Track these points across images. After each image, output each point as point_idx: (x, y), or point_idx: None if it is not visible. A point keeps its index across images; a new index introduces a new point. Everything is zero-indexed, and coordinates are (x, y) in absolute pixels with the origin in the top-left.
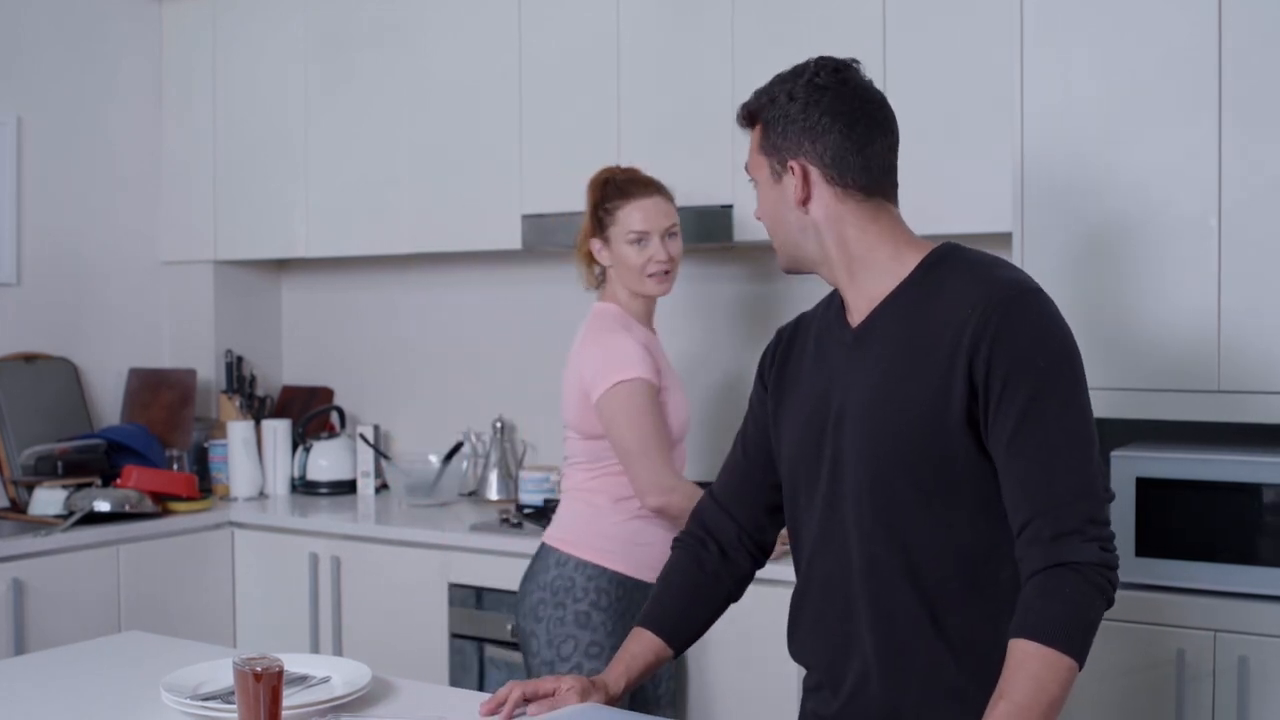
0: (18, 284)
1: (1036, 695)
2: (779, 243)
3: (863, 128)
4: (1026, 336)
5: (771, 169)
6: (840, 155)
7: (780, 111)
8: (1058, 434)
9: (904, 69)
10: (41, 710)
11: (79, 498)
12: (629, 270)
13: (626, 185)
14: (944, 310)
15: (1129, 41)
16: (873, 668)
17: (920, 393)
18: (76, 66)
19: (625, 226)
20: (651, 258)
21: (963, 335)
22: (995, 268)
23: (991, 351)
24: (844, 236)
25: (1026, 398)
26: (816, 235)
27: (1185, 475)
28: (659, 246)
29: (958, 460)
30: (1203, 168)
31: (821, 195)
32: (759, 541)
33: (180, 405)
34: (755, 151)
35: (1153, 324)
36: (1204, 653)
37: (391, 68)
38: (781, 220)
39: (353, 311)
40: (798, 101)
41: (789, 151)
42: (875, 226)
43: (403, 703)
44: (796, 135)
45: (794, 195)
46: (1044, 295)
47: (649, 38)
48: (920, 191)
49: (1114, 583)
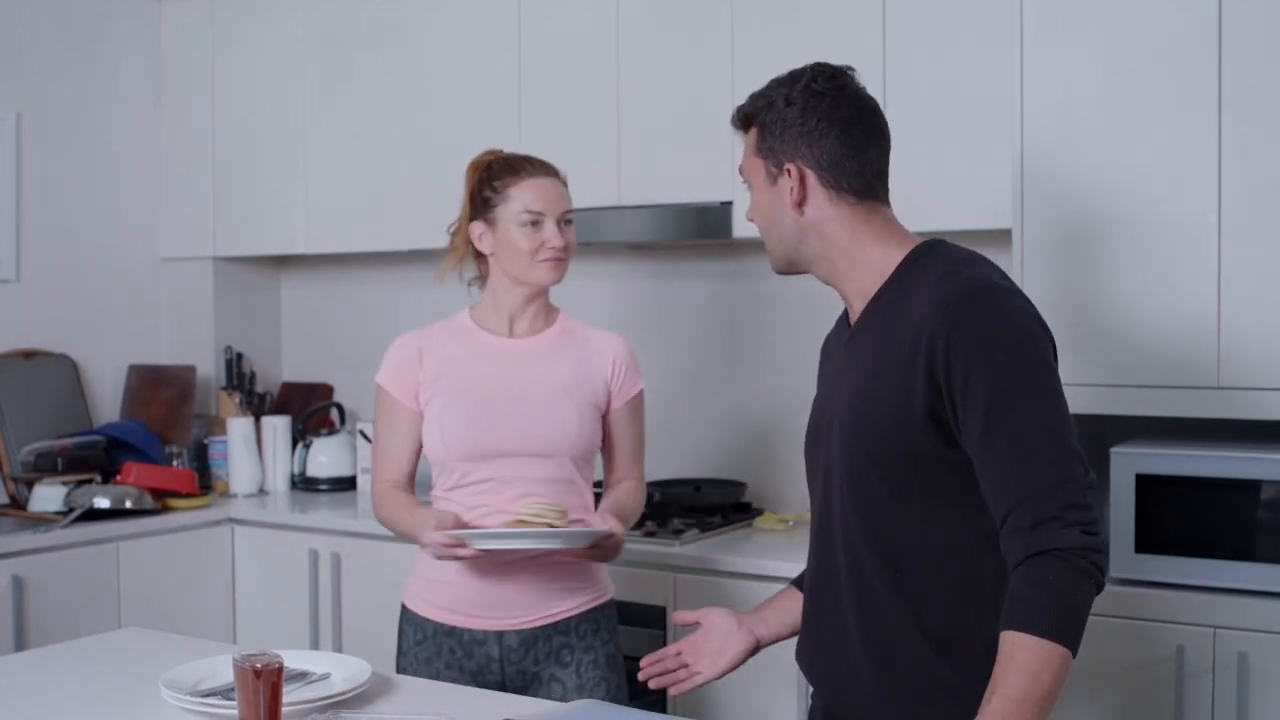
0: (17, 280)
1: (1030, 687)
2: (772, 244)
3: (859, 133)
4: (982, 333)
5: (767, 171)
6: (836, 159)
7: (777, 115)
8: (1026, 424)
9: (904, 66)
10: (42, 707)
11: (79, 494)
12: (516, 256)
13: (518, 163)
14: (910, 309)
15: (1129, 39)
16: (861, 663)
17: (888, 392)
18: (76, 64)
19: (518, 205)
20: (545, 242)
21: (922, 334)
22: (963, 265)
23: (949, 351)
24: (837, 237)
25: (989, 392)
26: (810, 236)
27: (1185, 472)
28: (554, 231)
29: (927, 457)
30: (1202, 164)
31: (816, 198)
32: None
33: (180, 402)
34: (751, 154)
35: (1152, 320)
36: (1203, 649)
37: (391, 65)
38: (776, 222)
39: (352, 308)
40: (795, 106)
41: (785, 154)
42: (868, 228)
43: (402, 699)
44: (794, 139)
45: (790, 197)
46: (1005, 291)
47: (648, 35)
48: (920, 189)
49: (1101, 566)
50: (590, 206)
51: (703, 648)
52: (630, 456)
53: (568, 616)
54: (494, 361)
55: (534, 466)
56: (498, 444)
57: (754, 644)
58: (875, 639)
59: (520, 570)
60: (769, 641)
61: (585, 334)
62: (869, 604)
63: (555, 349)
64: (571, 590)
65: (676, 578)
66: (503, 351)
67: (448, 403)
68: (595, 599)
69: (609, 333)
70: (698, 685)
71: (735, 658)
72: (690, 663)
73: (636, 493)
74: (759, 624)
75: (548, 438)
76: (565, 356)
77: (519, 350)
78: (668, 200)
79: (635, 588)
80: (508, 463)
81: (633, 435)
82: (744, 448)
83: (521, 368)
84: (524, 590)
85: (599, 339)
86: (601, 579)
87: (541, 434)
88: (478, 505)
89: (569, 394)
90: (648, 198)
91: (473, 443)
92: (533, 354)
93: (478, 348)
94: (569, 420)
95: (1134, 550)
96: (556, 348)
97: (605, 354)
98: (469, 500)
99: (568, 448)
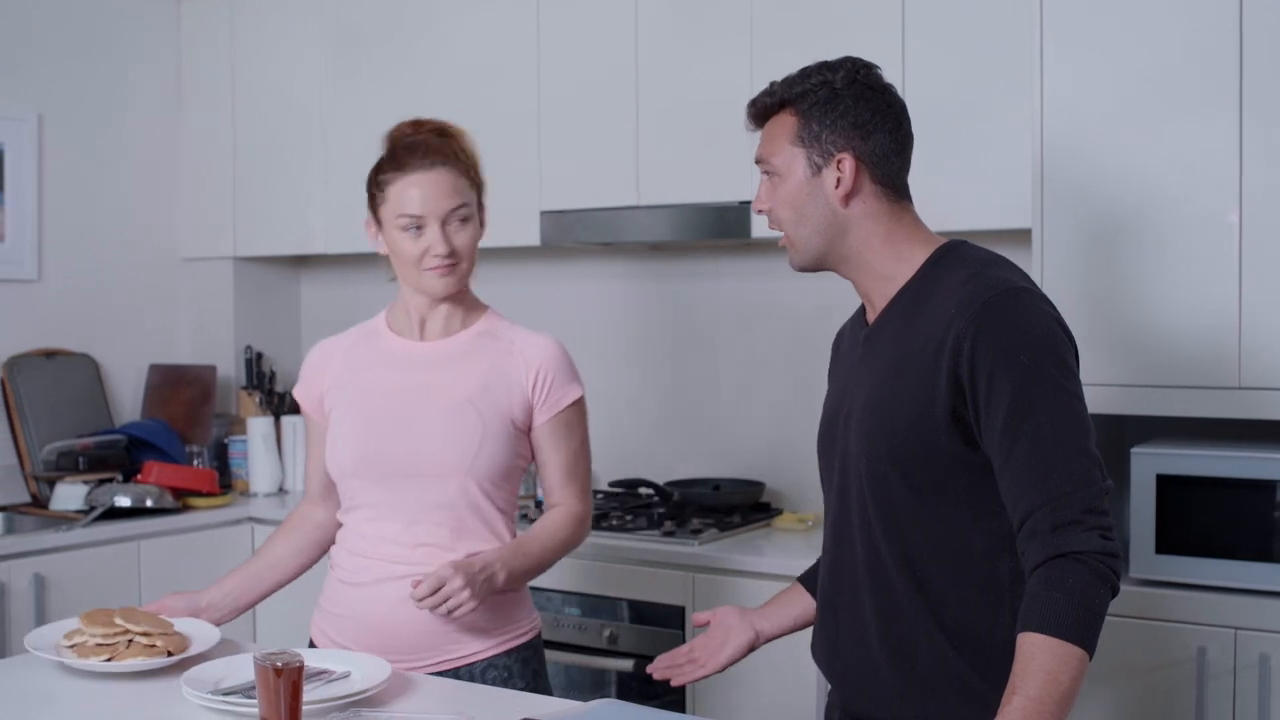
0: (39, 280)
1: (1049, 688)
2: (802, 237)
3: (904, 131)
4: (1007, 335)
5: (809, 161)
6: (886, 154)
7: (826, 104)
8: (1048, 427)
9: (922, 65)
10: (62, 705)
11: (100, 493)
12: (401, 263)
13: (404, 152)
14: (935, 310)
15: (1148, 36)
16: (880, 659)
17: (909, 391)
18: (96, 64)
19: (396, 208)
20: (429, 249)
21: (947, 335)
22: (987, 267)
23: (974, 351)
24: (873, 234)
25: (1013, 394)
26: (848, 232)
27: (1206, 472)
28: (438, 236)
29: (946, 457)
30: (1223, 163)
31: (864, 192)
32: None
33: (200, 401)
34: (786, 142)
35: (1173, 320)
36: (1225, 650)
37: (409, 63)
38: (807, 214)
39: (371, 308)
40: (846, 97)
41: (836, 145)
42: (901, 226)
43: (421, 698)
44: (846, 130)
45: (836, 190)
46: (1030, 293)
47: (667, 33)
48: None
49: (1117, 571)
50: (609, 206)
51: (708, 644)
52: (563, 479)
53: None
54: (395, 368)
55: (428, 489)
56: (387, 462)
57: (754, 637)
58: (894, 635)
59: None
60: (770, 636)
61: (511, 336)
62: (888, 600)
63: (466, 353)
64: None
65: (695, 577)
66: (407, 356)
67: (341, 415)
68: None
69: (538, 335)
70: (699, 678)
71: (735, 650)
72: (698, 658)
73: (563, 524)
74: (761, 619)
75: (441, 456)
76: (477, 361)
77: (425, 355)
78: (686, 200)
79: (654, 588)
80: (402, 484)
81: (565, 453)
82: (762, 447)
83: (423, 374)
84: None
85: (525, 342)
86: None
87: (435, 451)
88: (369, 535)
89: (473, 404)
90: (666, 198)
91: (360, 460)
92: (439, 359)
93: (382, 352)
94: (469, 436)
95: (1154, 551)
96: (468, 351)
97: (528, 360)
98: (361, 529)
99: (465, 468)
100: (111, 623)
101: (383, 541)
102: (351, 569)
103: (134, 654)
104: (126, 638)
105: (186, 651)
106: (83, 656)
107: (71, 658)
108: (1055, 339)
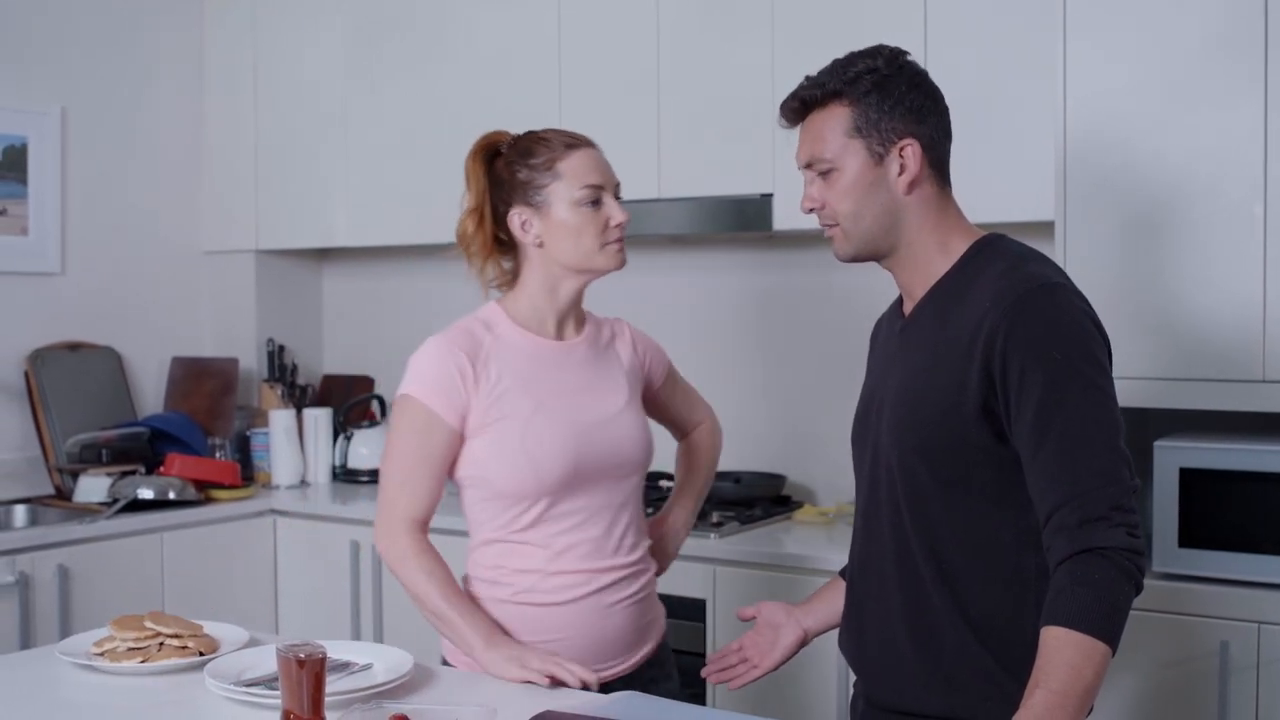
0: (62, 273)
1: (1073, 682)
2: (859, 228)
3: (949, 117)
4: (1041, 329)
5: (870, 150)
6: (939, 140)
7: (881, 91)
8: (1078, 423)
9: (945, 57)
10: (86, 695)
11: (123, 485)
12: (578, 241)
13: (554, 136)
14: (970, 303)
15: (1172, 25)
16: (906, 649)
17: (941, 383)
18: (119, 58)
19: (575, 181)
20: (610, 220)
21: (981, 328)
22: (1024, 262)
23: (1007, 345)
24: (926, 222)
25: (1044, 389)
26: (904, 220)
27: (1229, 466)
28: (616, 206)
29: (975, 450)
30: (1248, 154)
31: (925, 179)
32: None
33: (222, 394)
34: (839, 133)
35: (1196, 313)
36: (1248, 644)
37: (431, 56)
38: (868, 204)
39: (393, 301)
40: (900, 82)
41: (897, 131)
42: (946, 216)
43: (444, 690)
44: (904, 116)
45: (901, 178)
46: (1065, 289)
47: (689, 25)
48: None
49: (1141, 568)
50: (631, 199)
51: (758, 643)
52: (692, 402)
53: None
54: (565, 368)
55: (620, 490)
56: (596, 467)
57: (802, 636)
58: (921, 627)
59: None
60: (817, 632)
61: (598, 321)
62: (915, 591)
63: (601, 348)
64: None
65: (716, 570)
66: (568, 353)
67: (527, 422)
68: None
69: (606, 317)
70: (754, 679)
71: (786, 650)
72: (750, 657)
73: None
74: (806, 615)
75: (634, 453)
76: (609, 351)
77: (574, 355)
78: (708, 193)
79: (675, 581)
80: (598, 488)
81: (680, 385)
82: (784, 440)
83: (589, 371)
84: (622, 631)
85: (611, 324)
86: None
87: (632, 450)
88: (569, 548)
89: (634, 394)
90: (688, 190)
91: (573, 469)
92: (586, 359)
93: (538, 354)
94: (642, 427)
95: (1178, 545)
96: (600, 342)
97: (624, 339)
98: (553, 544)
99: (647, 459)
100: (141, 627)
101: (587, 552)
102: (548, 590)
103: (166, 656)
104: (158, 641)
105: (217, 652)
106: (115, 662)
107: (105, 663)
108: (1088, 335)
